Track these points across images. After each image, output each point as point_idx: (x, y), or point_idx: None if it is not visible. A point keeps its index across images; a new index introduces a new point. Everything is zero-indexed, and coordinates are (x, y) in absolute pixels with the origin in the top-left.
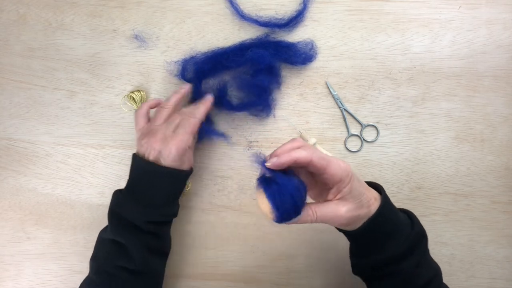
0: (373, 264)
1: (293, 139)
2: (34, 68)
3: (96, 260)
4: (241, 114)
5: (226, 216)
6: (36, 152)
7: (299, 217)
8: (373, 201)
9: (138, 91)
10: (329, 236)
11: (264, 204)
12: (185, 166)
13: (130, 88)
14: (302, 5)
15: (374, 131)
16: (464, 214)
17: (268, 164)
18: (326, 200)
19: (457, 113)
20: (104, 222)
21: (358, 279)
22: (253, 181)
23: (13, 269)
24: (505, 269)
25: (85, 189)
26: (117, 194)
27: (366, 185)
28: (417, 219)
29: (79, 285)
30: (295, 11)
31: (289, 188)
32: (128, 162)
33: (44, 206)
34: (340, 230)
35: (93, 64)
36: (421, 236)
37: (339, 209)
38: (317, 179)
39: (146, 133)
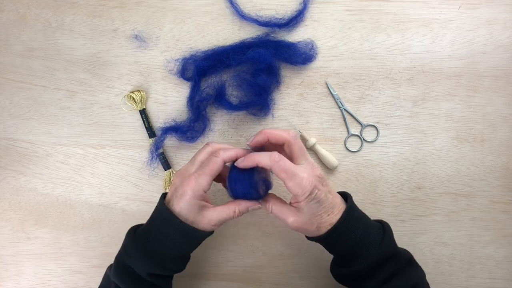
0: (343, 273)
1: (261, 131)
2: (34, 68)
3: None
4: (240, 114)
5: None
6: (36, 152)
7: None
8: (327, 226)
9: (138, 91)
10: None
11: (226, 184)
12: (203, 223)
13: (130, 88)
14: (302, 4)
15: (374, 131)
16: (464, 214)
17: (236, 164)
18: (290, 202)
19: (457, 113)
20: (104, 222)
21: None
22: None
23: (13, 269)
24: (505, 269)
25: (85, 189)
26: (130, 235)
27: (328, 211)
28: (389, 235)
29: (79, 285)
30: (295, 11)
31: (244, 182)
32: (128, 162)
33: (44, 206)
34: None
35: (93, 64)
36: (388, 256)
37: (289, 217)
38: None
39: (176, 172)
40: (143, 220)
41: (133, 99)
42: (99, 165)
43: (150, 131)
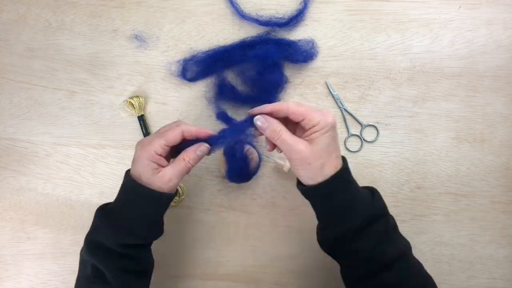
0: (333, 238)
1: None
2: (34, 68)
3: (78, 282)
4: (242, 112)
5: (226, 216)
6: (36, 152)
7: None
8: (330, 167)
9: (137, 97)
10: None
11: (223, 168)
12: (159, 183)
13: (130, 88)
14: (302, 4)
15: (374, 131)
16: (464, 214)
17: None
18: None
19: (457, 113)
20: None
21: None
22: (252, 181)
23: (13, 269)
24: (505, 269)
25: (85, 189)
26: (97, 212)
27: (336, 154)
28: (378, 196)
29: None
30: (296, 10)
31: (240, 163)
32: (128, 162)
33: (44, 206)
34: (298, 187)
35: (93, 64)
36: (379, 214)
37: (300, 144)
38: (300, 126)
39: None
40: None
41: (132, 105)
42: (99, 165)
43: None
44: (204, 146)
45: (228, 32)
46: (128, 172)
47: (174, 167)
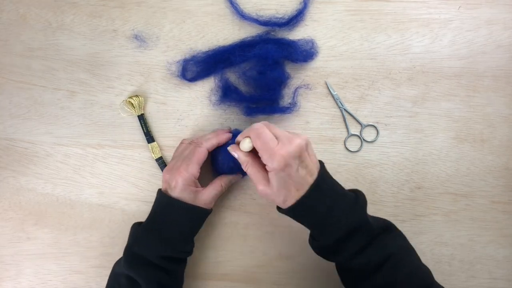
0: (319, 246)
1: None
2: (34, 68)
3: None
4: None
5: (226, 216)
6: (36, 152)
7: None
8: (292, 200)
9: (137, 96)
10: None
11: (211, 164)
12: (199, 202)
13: (130, 88)
14: (302, 4)
15: (374, 131)
16: (464, 214)
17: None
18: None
19: (457, 113)
20: (104, 222)
21: None
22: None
23: (13, 269)
24: (505, 269)
25: (85, 189)
26: (135, 227)
27: (297, 186)
28: (360, 208)
29: (79, 285)
30: (296, 10)
31: (226, 161)
32: (128, 162)
33: (44, 206)
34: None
35: (93, 64)
36: (360, 223)
37: (260, 183)
38: None
39: (165, 169)
40: (144, 220)
41: (132, 104)
42: (99, 165)
43: (149, 136)
44: (238, 177)
45: (228, 32)
46: (161, 192)
47: (212, 191)
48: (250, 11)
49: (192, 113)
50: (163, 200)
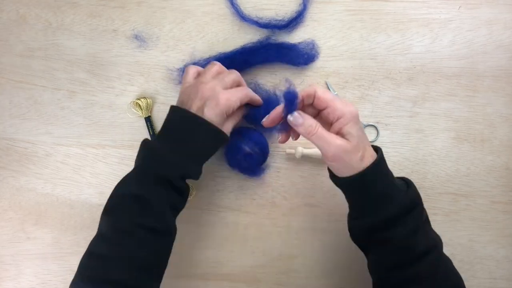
0: (367, 227)
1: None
2: (34, 68)
3: (111, 215)
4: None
5: (226, 216)
6: (36, 152)
7: (299, 124)
8: (368, 157)
9: (144, 98)
10: (330, 237)
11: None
12: (224, 131)
13: (130, 88)
14: (302, 6)
15: (374, 131)
16: (464, 214)
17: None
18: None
19: (457, 113)
20: None
21: (358, 279)
22: (252, 181)
23: (13, 269)
24: (505, 269)
25: (85, 189)
26: (150, 143)
27: (369, 143)
28: (414, 186)
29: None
30: (295, 12)
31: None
32: (128, 162)
33: (44, 206)
34: (332, 179)
35: (93, 64)
36: (415, 203)
37: (337, 139)
38: (322, 116)
39: (194, 84)
40: None
41: (139, 105)
42: (99, 165)
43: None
44: (259, 101)
45: (228, 32)
46: (178, 107)
47: (233, 121)
48: (251, 11)
49: None
50: (191, 120)
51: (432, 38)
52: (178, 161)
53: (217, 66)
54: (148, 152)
